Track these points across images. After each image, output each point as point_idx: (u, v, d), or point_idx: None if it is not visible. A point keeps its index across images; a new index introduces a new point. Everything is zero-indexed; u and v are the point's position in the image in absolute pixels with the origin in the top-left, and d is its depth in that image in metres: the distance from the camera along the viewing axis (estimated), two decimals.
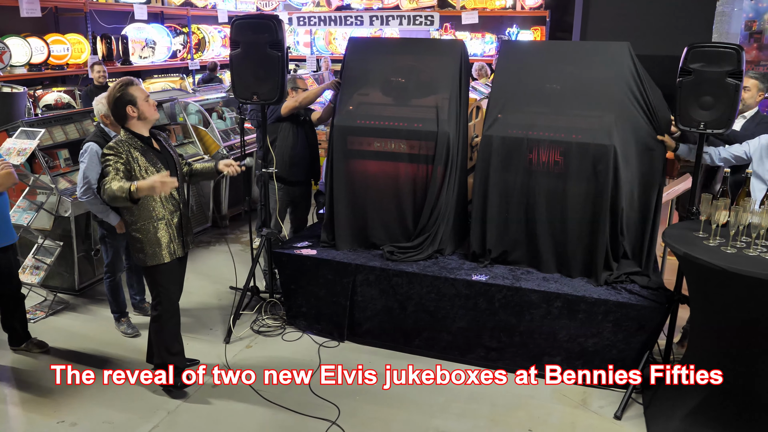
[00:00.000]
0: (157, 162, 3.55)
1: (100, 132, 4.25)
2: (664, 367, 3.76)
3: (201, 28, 10.29)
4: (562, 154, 4.01)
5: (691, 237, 3.41)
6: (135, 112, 3.50)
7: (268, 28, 4.27)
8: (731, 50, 3.58)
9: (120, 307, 4.60)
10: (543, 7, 9.95)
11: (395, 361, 4.23)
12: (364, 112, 4.48)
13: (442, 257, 4.45)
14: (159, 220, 3.57)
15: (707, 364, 3.36)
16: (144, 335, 4.43)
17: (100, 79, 7.07)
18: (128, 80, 3.55)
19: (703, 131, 3.70)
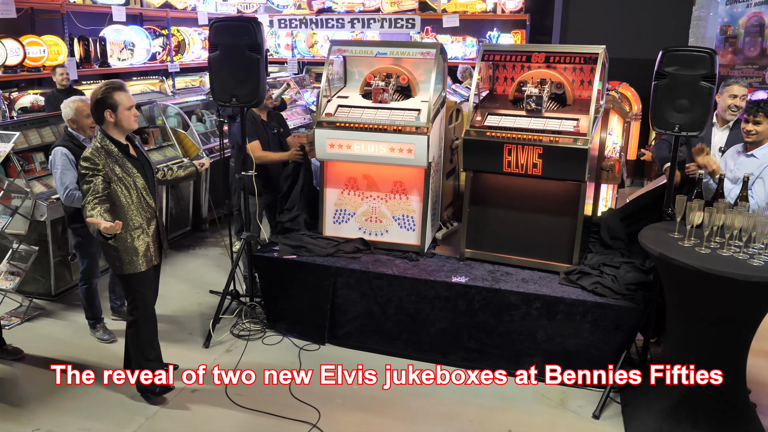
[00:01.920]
0: (133, 170, 3.51)
1: (68, 136, 4.21)
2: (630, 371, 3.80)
3: (181, 30, 10.21)
4: (540, 156, 4.04)
5: (666, 238, 3.45)
6: (112, 118, 3.45)
7: (247, 30, 4.26)
8: (705, 54, 3.64)
9: (95, 314, 4.54)
10: (523, 10, 10.02)
11: (376, 363, 4.23)
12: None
13: (423, 259, 4.47)
14: (135, 229, 3.54)
15: (683, 364, 3.41)
16: (121, 341, 4.35)
17: (63, 82, 6.94)
18: (118, 84, 3.50)
19: (678, 134, 3.75)
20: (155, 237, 3.65)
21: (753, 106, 3.88)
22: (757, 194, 3.77)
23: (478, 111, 4.38)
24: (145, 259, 3.59)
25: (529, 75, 4.39)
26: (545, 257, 4.29)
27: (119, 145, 3.50)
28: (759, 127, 3.83)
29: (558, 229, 4.23)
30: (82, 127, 4.23)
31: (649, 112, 3.92)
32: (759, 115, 3.81)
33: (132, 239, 3.53)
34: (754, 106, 3.87)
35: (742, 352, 3.36)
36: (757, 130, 3.84)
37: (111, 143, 3.46)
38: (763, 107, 3.81)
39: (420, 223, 4.52)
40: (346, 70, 4.87)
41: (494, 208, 4.37)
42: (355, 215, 4.64)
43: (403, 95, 4.61)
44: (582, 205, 4.12)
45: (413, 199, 4.51)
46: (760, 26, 7.92)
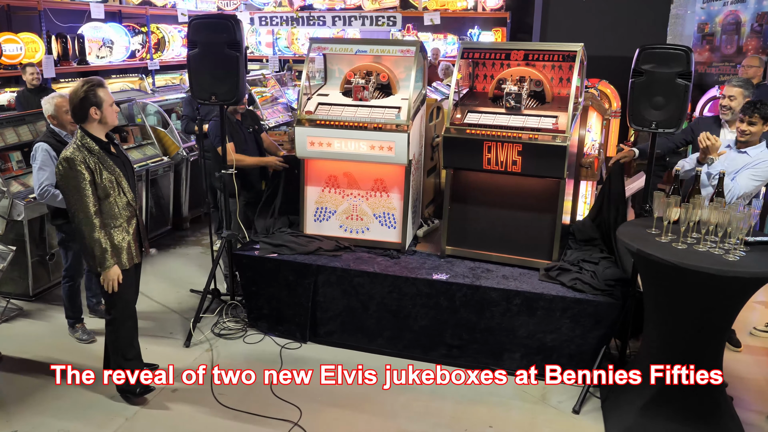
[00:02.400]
0: (115, 169, 3.48)
1: (50, 132, 4.18)
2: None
3: (160, 27, 10.12)
4: (519, 153, 4.06)
5: (644, 234, 3.49)
6: (97, 115, 3.43)
7: (226, 28, 4.23)
8: (681, 52, 3.68)
9: (76, 313, 4.50)
10: (504, 8, 10.07)
11: (358, 361, 4.23)
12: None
13: (404, 256, 4.48)
14: (117, 227, 3.51)
15: (661, 358, 3.45)
16: (100, 341, 4.32)
17: (33, 82, 6.83)
18: (99, 81, 3.48)
19: (655, 130, 3.79)
20: (135, 235, 3.63)
21: (749, 106, 3.92)
22: (741, 183, 3.81)
23: (457, 108, 4.40)
24: (128, 256, 3.56)
25: (508, 73, 4.42)
26: (525, 254, 4.32)
27: (100, 142, 3.47)
28: (753, 128, 3.87)
29: (538, 226, 4.26)
30: (63, 123, 4.21)
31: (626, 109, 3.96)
32: (754, 116, 3.86)
33: (114, 237, 3.50)
34: (751, 106, 3.91)
35: (718, 345, 3.41)
36: (751, 131, 3.88)
37: (92, 141, 3.43)
38: (759, 108, 3.86)
39: (401, 221, 4.53)
40: (326, 67, 4.86)
41: (475, 206, 4.39)
42: (336, 213, 4.63)
43: (384, 93, 4.61)
44: (561, 202, 4.16)
45: (394, 196, 4.51)
46: (736, 24, 8.03)
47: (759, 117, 3.85)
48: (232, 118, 5.02)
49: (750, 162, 3.88)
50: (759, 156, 3.89)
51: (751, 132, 3.88)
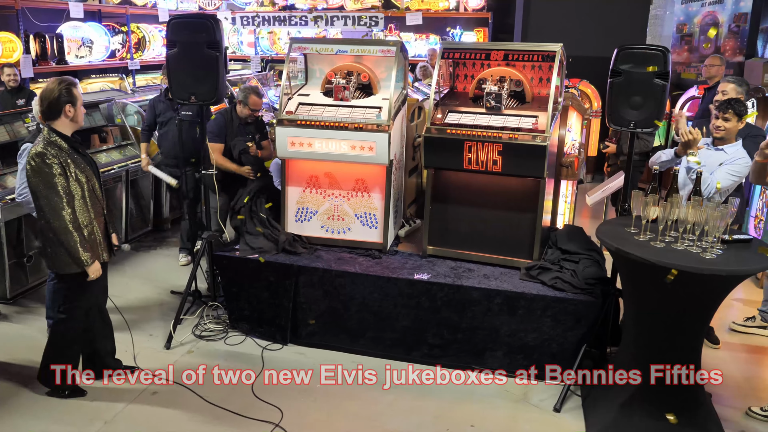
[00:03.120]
0: (85, 166, 3.49)
1: (39, 132, 4.14)
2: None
3: (141, 27, 10.03)
4: (500, 153, 4.08)
5: (622, 232, 3.51)
6: (71, 113, 3.46)
7: (205, 27, 4.21)
8: (658, 52, 3.72)
9: None
10: (485, 8, 10.10)
11: (340, 361, 4.23)
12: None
13: (386, 257, 4.48)
14: (84, 227, 3.49)
15: (641, 356, 3.48)
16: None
17: (11, 83, 6.75)
18: (72, 80, 3.53)
19: (633, 130, 3.83)
20: (104, 235, 3.61)
21: (725, 103, 3.99)
22: (719, 179, 3.87)
23: (438, 108, 4.40)
24: (94, 257, 3.54)
25: (488, 73, 4.43)
26: (506, 253, 4.34)
27: (68, 140, 3.47)
28: (727, 124, 3.94)
29: (518, 225, 4.28)
30: None
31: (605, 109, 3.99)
32: (728, 112, 3.92)
33: (81, 237, 3.47)
34: (725, 103, 3.98)
35: (696, 342, 3.44)
36: (726, 126, 3.95)
37: (60, 139, 3.43)
38: (733, 105, 3.92)
39: (382, 221, 4.53)
40: (307, 67, 4.84)
41: (456, 205, 4.39)
42: (318, 213, 4.62)
43: (365, 93, 4.60)
44: (541, 202, 4.18)
45: (375, 196, 4.51)
46: (714, 25, 8.13)
47: (733, 113, 3.92)
48: (235, 118, 5.08)
49: (727, 159, 3.93)
50: (736, 153, 3.94)
51: (725, 128, 3.94)
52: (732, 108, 3.91)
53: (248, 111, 5.23)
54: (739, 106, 3.92)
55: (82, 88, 8.36)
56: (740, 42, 7.70)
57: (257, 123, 5.45)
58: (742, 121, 3.92)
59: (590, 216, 7.34)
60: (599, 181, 8.17)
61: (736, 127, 3.93)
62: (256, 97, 5.24)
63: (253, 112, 5.26)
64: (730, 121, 3.93)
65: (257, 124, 5.44)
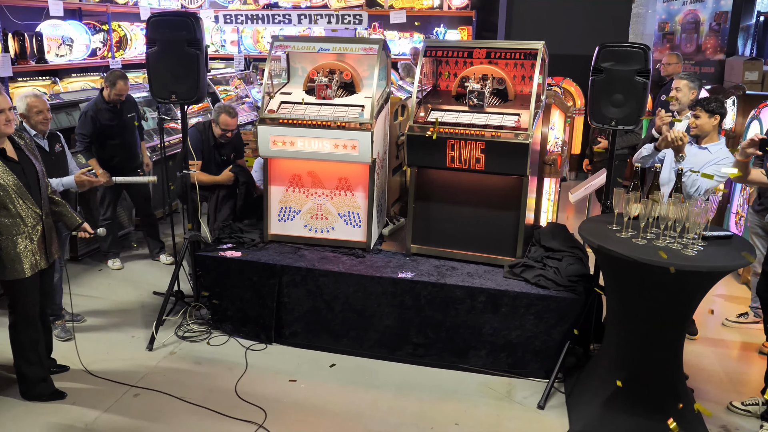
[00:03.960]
0: (10, 174, 3.39)
1: (21, 129, 4.17)
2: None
3: (122, 25, 9.92)
4: (483, 151, 4.08)
5: (604, 230, 3.53)
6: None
7: (185, 25, 4.17)
8: (639, 50, 3.74)
9: (55, 311, 4.42)
10: (469, 7, 10.10)
11: (324, 361, 4.21)
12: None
13: (369, 255, 4.46)
14: (19, 235, 3.44)
15: (623, 352, 3.50)
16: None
17: None
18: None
19: (615, 127, 3.84)
20: (41, 242, 3.55)
21: (694, 102, 4.04)
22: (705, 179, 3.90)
23: (421, 107, 4.39)
24: (30, 264, 3.49)
25: (471, 71, 4.43)
26: (490, 251, 4.34)
27: None
28: (699, 121, 3.99)
29: (502, 223, 4.28)
30: (34, 123, 4.22)
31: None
32: (697, 109, 3.98)
33: (14, 245, 3.43)
34: (694, 102, 4.06)
35: (678, 338, 3.46)
36: (698, 123, 4.00)
37: None
38: (701, 102, 3.98)
39: (366, 220, 4.51)
40: (289, 66, 4.82)
41: (439, 204, 4.39)
42: (301, 212, 4.60)
43: (347, 91, 4.58)
44: (524, 199, 4.18)
45: (358, 195, 4.49)
46: (695, 23, 8.19)
47: (702, 110, 3.98)
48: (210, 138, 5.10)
49: (712, 159, 3.96)
50: (719, 153, 3.98)
51: (698, 125, 4.00)
52: (700, 105, 3.98)
53: (219, 131, 5.22)
54: (708, 102, 3.98)
55: (63, 87, 8.28)
56: (721, 40, 7.77)
57: (235, 142, 5.44)
58: (715, 117, 3.96)
59: (574, 214, 7.37)
60: (583, 178, 8.22)
61: (710, 123, 3.97)
62: (227, 116, 5.20)
63: (224, 132, 5.24)
64: (701, 118, 3.98)
65: (235, 143, 5.44)
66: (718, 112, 3.97)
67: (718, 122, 4.00)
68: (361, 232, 4.55)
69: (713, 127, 3.98)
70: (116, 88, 5.30)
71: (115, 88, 5.30)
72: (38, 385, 3.73)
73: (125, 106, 5.53)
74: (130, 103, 5.66)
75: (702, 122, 3.99)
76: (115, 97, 5.35)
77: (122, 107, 5.49)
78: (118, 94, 5.34)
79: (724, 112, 4.03)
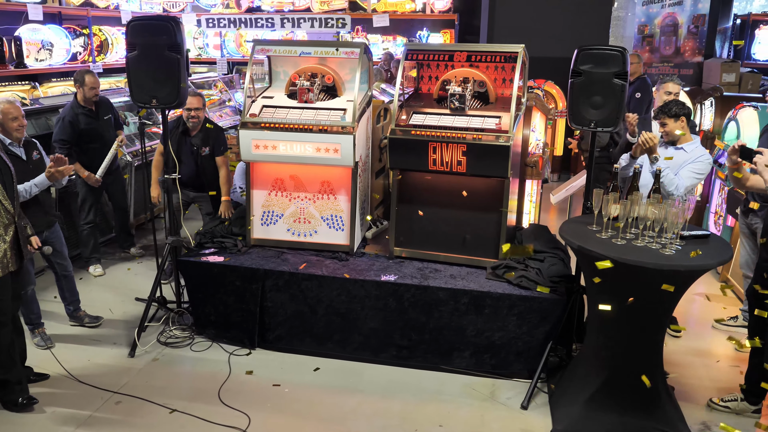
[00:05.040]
0: None
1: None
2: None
3: (103, 29, 9.86)
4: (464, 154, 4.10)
5: (584, 230, 3.56)
6: None
7: (166, 29, 4.15)
8: (617, 52, 3.78)
9: (33, 319, 4.37)
10: (452, 10, 10.16)
11: (307, 365, 4.21)
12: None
13: (353, 259, 4.47)
14: None
15: (604, 351, 3.53)
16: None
17: None
18: None
19: (594, 129, 3.88)
20: (13, 243, 3.52)
21: (658, 111, 4.14)
22: (683, 178, 3.96)
23: (403, 110, 4.41)
24: (1, 265, 3.46)
25: (452, 74, 4.45)
26: (472, 253, 4.36)
27: None
28: (666, 128, 4.09)
29: (484, 225, 4.30)
30: (8, 130, 4.09)
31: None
32: (662, 118, 4.10)
33: None
34: (658, 109, 4.14)
35: (658, 336, 3.50)
36: (666, 131, 4.09)
37: None
38: (662, 110, 4.08)
39: (349, 223, 4.52)
40: (270, 70, 4.81)
41: (422, 206, 4.40)
42: (284, 216, 4.59)
43: (329, 95, 4.59)
44: (506, 201, 4.21)
45: (341, 198, 4.49)
46: (674, 26, 8.30)
47: (666, 117, 4.07)
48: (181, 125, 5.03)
49: (688, 158, 4.01)
50: (695, 152, 4.04)
51: (667, 132, 4.09)
52: (663, 112, 4.08)
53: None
54: (669, 108, 4.07)
55: (43, 92, 8.21)
56: (699, 43, 7.87)
57: (203, 137, 5.21)
58: (681, 119, 4.04)
59: (556, 215, 7.42)
60: (565, 179, 8.29)
61: (677, 126, 4.05)
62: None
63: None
64: (668, 125, 4.07)
65: (203, 138, 5.21)
66: (682, 113, 4.06)
67: (686, 122, 4.07)
68: (344, 236, 4.55)
69: (682, 128, 4.05)
70: (87, 85, 5.29)
71: (85, 86, 5.29)
72: (14, 389, 3.67)
73: (101, 108, 5.51)
74: (106, 105, 5.64)
75: (669, 128, 4.07)
76: (90, 96, 5.34)
77: (98, 110, 5.47)
78: (92, 89, 5.32)
79: (688, 111, 4.12)
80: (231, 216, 5.04)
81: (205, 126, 5.23)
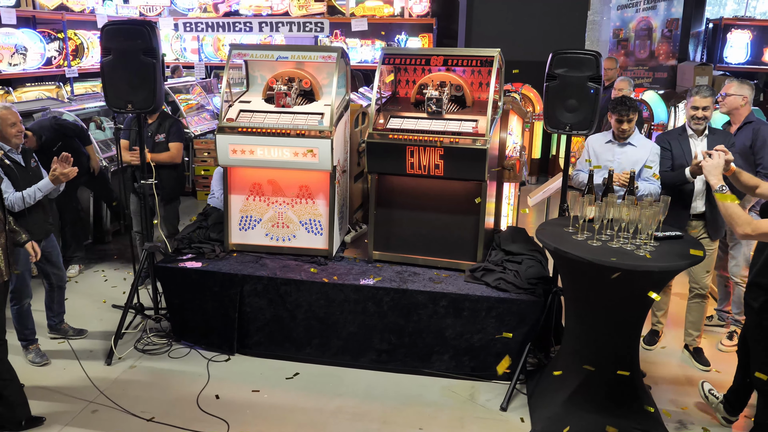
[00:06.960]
0: None
1: None
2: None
3: (78, 33, 9.76)
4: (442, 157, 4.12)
5: (561, 232, 3.59)
6: None
7: (141, 34, 4.12)
8: (591, 56, 3.83)
9: (28, 335, 4.28)
10: (430, 15, 10.21)
11: (286, 370, 4.19)
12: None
13: (332, 263, 4.46)
14: None
15: (582, 352, 3.56)
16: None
17: None
18: None
19: (569, 132, 3.92)
20: (2, 251, 3.44)
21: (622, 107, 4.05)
22: (649, 181, 3.99)
23: (380, 114, 4.42)
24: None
25: (429, 78, 4.47)
26: (451, 256, 4.38)
27: None
28: (632, 123, 4.10)
29: (462, 228, 4.33)
30: (6, 136, 4.04)
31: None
32: (631, 113, 4.05)
33: None
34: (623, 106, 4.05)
35: (634, 337, 3.54)
36: (632, 126, 4.11)
37: None
38: (628, 104, 4.05)
39: (327, 227, 4.51)
40: (248, 74, 4.79)
41: (400, 210, 4.41)
42: (262, 221, 4.57)
43: (307, 99, 4.58)
44: (484, 204, 4.23)
45: (319, 203, 4.49)
46: (648, 30, 8.42)
47: (633, 112, 4.07)
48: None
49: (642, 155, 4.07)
50: (644, 141, 4.13)
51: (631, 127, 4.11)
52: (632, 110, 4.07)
53: None
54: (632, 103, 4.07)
55: (17, 96, 8.10)
56: (673, 46, 8.00)
57: (159, 123, 5.26)
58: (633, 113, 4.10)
59: (534, 217, 7.47)
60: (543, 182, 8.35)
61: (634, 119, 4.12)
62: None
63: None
64: (633, 121, 4.09)
65: (159, 124, 5.25)
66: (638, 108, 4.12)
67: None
68: (322, 240, 4.54)
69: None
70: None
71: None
72: (17, 408, 3.56)
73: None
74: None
75: (633, 123, 4.10)
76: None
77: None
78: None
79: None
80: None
81: (162, 113, 5.31)
